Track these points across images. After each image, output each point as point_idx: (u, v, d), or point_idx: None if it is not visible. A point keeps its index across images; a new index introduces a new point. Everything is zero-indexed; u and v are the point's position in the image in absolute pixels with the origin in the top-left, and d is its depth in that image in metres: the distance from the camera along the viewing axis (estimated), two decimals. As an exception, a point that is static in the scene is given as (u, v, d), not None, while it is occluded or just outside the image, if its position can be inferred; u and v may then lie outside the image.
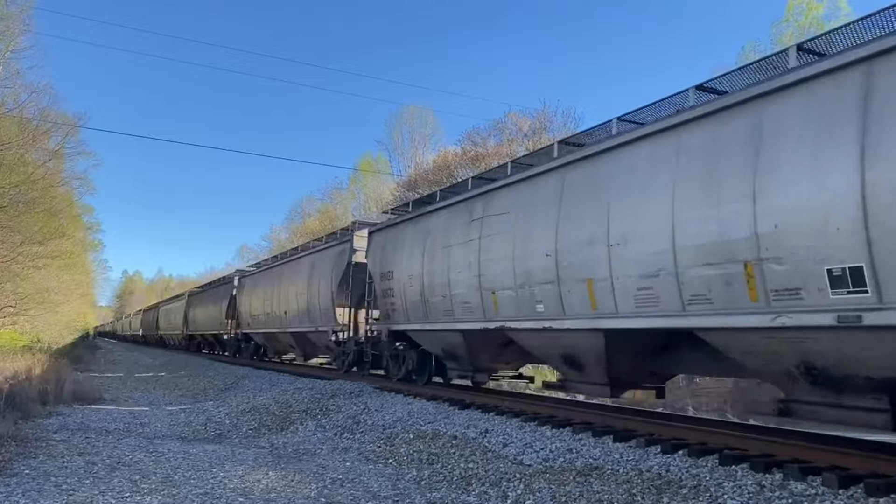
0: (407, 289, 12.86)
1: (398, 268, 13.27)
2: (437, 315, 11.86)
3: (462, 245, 11.01)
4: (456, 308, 11.23)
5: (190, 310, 37.93)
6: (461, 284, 10.95)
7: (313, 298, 18.31)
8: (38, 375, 14.99)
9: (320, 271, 18.12)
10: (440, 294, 11.65)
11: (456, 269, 11.09)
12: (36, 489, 6.09)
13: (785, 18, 30.49)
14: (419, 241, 12.56)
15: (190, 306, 38.14)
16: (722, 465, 6.19)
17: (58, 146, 35.24)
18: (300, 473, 7.20)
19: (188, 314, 38.16)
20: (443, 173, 37.41)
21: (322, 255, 18.61)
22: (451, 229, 11.50)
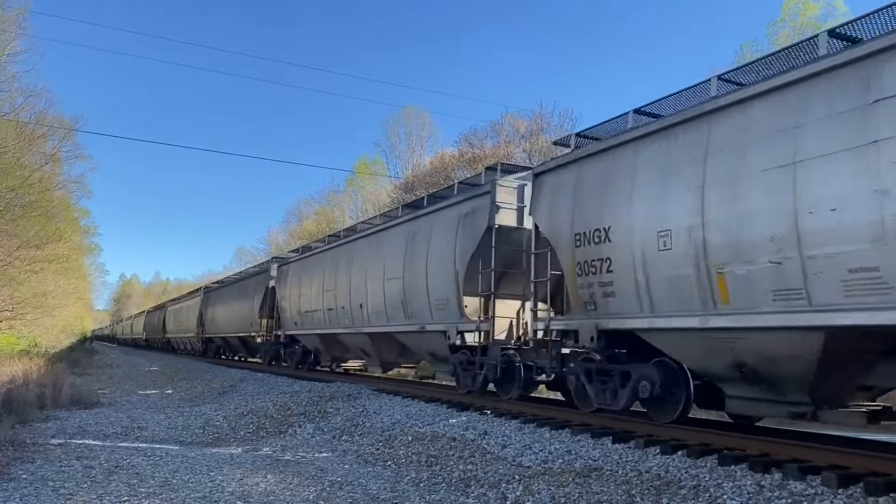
0: (653, 255, 7.46)
1: (621, 220, 7.98)
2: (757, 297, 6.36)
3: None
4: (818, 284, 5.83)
5: (207, 308, 32.67)
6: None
7: (416, 284, 12.75)
8: (35, 380, 14.94)
9: (429, 244, 12.50)
10: (768, 254, 6.20)
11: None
12: (33, 494, 6.07)
13: (781, 18, 30.55)
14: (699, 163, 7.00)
15: (207, 304, 32.83)
16: (721, 465, 6.18)
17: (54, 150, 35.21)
18: (299, 476, 7.18)
19: (205, 313, 33.04)
20: (440, 175, 37.40)
21: (431, 221, 12.79)
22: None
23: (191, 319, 35.88)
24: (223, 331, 29.71)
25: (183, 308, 40.19)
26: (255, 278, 25.68)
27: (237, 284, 28.82)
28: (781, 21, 30.31)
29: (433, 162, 42.82)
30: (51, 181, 35.69)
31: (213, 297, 32.31)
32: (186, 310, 38.31)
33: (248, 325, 25.13)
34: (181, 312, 40.13)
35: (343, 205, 55.73)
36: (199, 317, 33.81)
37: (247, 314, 25.29)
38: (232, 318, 27.86)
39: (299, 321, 19.50)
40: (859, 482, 5.24)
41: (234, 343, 28.72)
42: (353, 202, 54.55)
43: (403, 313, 13.26)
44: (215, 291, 32.61)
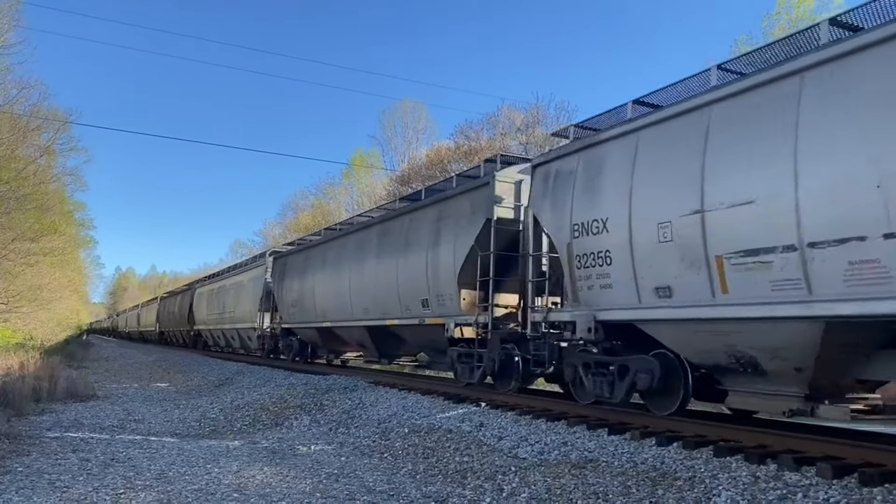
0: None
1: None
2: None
3: None
4: None
5: (294, 282, 19.87)
6: None
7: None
8: (31, 373, 14.92)
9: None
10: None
11: None
12: (29, 487, 6.07)
13: (776, 11, 30.48)
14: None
15: (292, 275, 20.25)
16: (717, 456, 6.20)
17: (49, 142, 35.13)
18: (295, 469, 7.19)
19: (284, 291, 20.50)
20: (436, 168, 37.36)
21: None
22: None
23: (246, 304, 24.98)
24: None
25: (229, 288, 27.92)
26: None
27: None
28: (776, 14, 30.26)
29: (429, 154, 42.77)
30: (45, 174, 35.59)
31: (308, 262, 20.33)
32: (237, 290, 26.63)
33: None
34: (225, 294, 28.30)
35: (339, 197, 55.70)
36: (267, 299, 22.48)
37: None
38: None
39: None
40: (853, 473, 5.27)
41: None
42: (348, 195, 54.53)
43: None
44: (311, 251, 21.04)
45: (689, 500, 5.20)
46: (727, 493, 5.19)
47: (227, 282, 28.80)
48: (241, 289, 25.98)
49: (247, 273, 25.96)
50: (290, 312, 19.56)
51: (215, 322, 29.99)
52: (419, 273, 12.46)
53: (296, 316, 19.20)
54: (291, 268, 20.01)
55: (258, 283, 23.40)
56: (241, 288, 26.03)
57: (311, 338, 18.99)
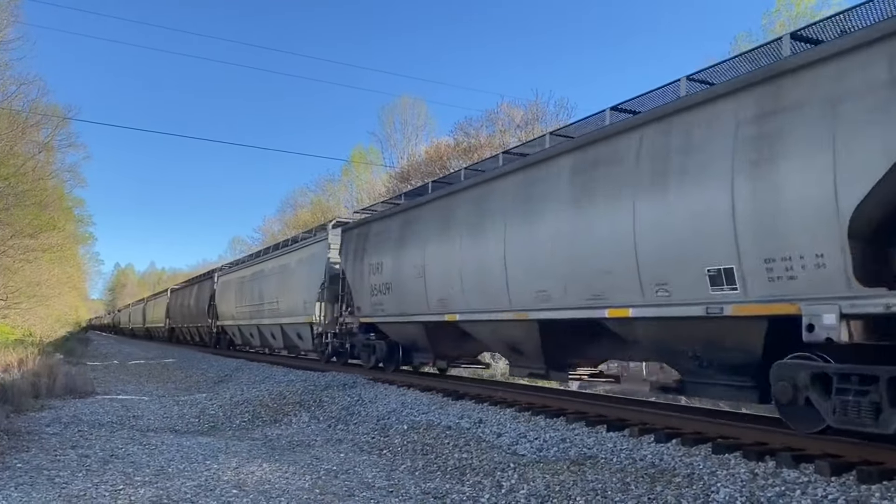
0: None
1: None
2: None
3: None
4: None
5: (383, 259, 14.43)
6: None
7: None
8: (30, 369, 14.92)
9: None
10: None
11: None
12: (29, 483, 6.07)
13: (776, 8, 30.48)
14: None
15: (377, 250, 14.83)
16: (715, 453, 6.21)
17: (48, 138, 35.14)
18: (294, 465, 7.20)
19: (364, 273, 15.06)
20: (436, 165, 37.33)
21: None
22: None
23: (291, 293, 19.93)
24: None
25: (260, 276, 23.36)
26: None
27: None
28: (776, 12, 30.25)
29: (428, 151, 42.72)
30: (44, 170, 35.60)
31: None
32: (274, 276, 21.97)
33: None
34: (260, 281, 23.27)
35: (338, 194, 55.67)
36: (325, 285, 17.55)
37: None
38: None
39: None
40: (852, 470, 5.28)
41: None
42: (348, 192, 54.50)
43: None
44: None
45: (687, 497, 5.21)
46: (726, 490, 5.20)
47: (265, 265, 23.02)
48: (287, 273, 20.35)
49: (297, 253, 20.10)
50: (374, 302, 14.27)
51: (248, 316, 24.28)
52: (707, 223, 6.79)
53: (385, 307, 13.92)
54: (376, 240, 14.49)
55: (315, 265, 18.00)
56: (287, 272, 20.39)
57: (410, 337, 13.81)
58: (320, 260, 17.82)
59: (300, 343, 19.85)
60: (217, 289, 29.19)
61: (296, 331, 19.65)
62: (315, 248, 18.57)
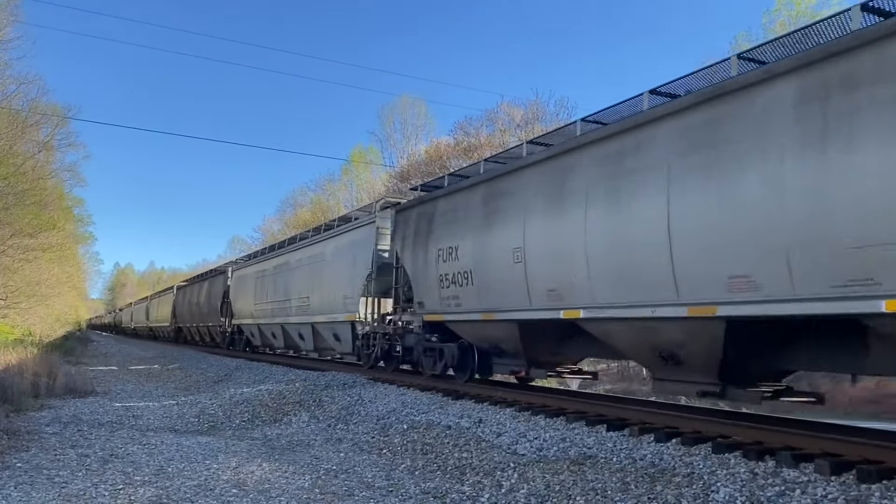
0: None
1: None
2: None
3: None
4: None
5: (459, 243, 11.52)
6: None
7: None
8: (29, 368, 14.91)
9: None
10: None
11: None
12: (28, 482, 6.07)
13: (776, 8, 30.45)
14: None
15: (447, 230, 12.05)
16: (715, 453, 6.21)
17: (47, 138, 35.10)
18: (294, 465, 7.19)
19: (428, 261, 12.47)
20: (436, 164, 37.33)
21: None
22: None
23: (327, 287, 17.30)
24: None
25: (286, 269, 20.72)
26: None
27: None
28: (776, 11, 30.22)
29: (428, 151, 42.75)
30: (44, 170, 35.57)
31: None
32: (304, 269, 19.07)
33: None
34: (286, 274, 20.61)
35: (338, 194, 55.68)
36: (372, 277, 15.01)
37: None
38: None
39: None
40: (852, 469, 5.28)
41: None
42: (347, 191, 54.50)
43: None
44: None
45: (687, 497, 5.21)
46: (726, 490, 5.20)
47: (291, 257, 20.33)
48: (321, 265, 17.77)
49: (333, 241, 17.43)
50: (445, 296, 11.65)
51: (269, 314, 21.78)
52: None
53: (461, 301, 11.26)
54: (446, 220, 11.86)
55: (359, 254, 15.38)
56: (321, 264, 17.80)
57: (493, 339, 11.09)
58: (366, 247, 15.10)
59: (337, 345, 16.96)
60: (231, 284, 26.62)
61: (332, 331, 16.78)
62: (358, 233, 15.86)
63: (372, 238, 14.92)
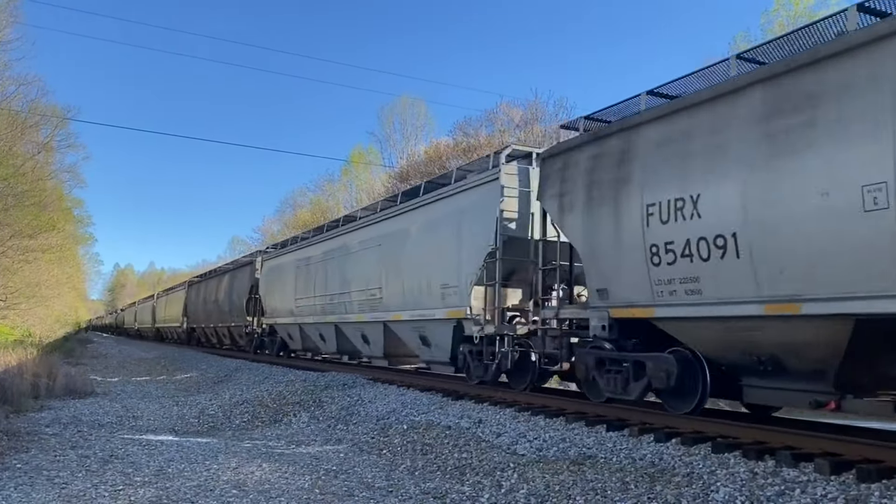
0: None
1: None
2: None
3: None
4: None
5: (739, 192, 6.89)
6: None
7: None
8: (29, 369, 14.91)
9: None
10: None
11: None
12: (28, 483, 6.07)
13: (774, 8, 30.46)
14: None
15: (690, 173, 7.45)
16: (715, 452, 6.21)
17: (47, 139, 35.14)
18: (294, 465, 7.19)
19: (651, 229, 7.79)
20: (435, 165, 37.34)
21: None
22: None
23: (416, 273, 13.08)
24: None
25: (340, 254, 16.63)
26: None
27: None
28: (775, 11, 30.24)
29: (428, 151, 42.74)
30: (44, 171, 35.59)
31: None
32: (371, 252, 14.96)
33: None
34: (339, 261, 16.65)
35: (337, 194, 55.68)
36: (499, 257, 10.65)
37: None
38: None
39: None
40: (851, 469, 5.28)
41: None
42: (347, 192, 54.50)
43: None
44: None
45: (687, 497, 5.21)
46: (725, 490, 5.20)
47: (352, 238, 16.01)
48: (401, 245, 13.42)
49: (425, 210, 12.92)
50: (659, 278, 7.65)
51: (318, 311, 17.60)
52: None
53: (700, 285, 7.18)
54: (659, 157, 7.80)
55: (471, 225, 11.23)
56: (401, 243, 13.43)
57: (767, 346, 6.74)
58: (482, 216, 10.84)
59: (423, 351, 13.06)
60: (261, 277, 22.74)
61: (418, 332, 12.83)
62: (468, 198, 11.50)
63: (494, 202, 10.64)
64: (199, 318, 32.54)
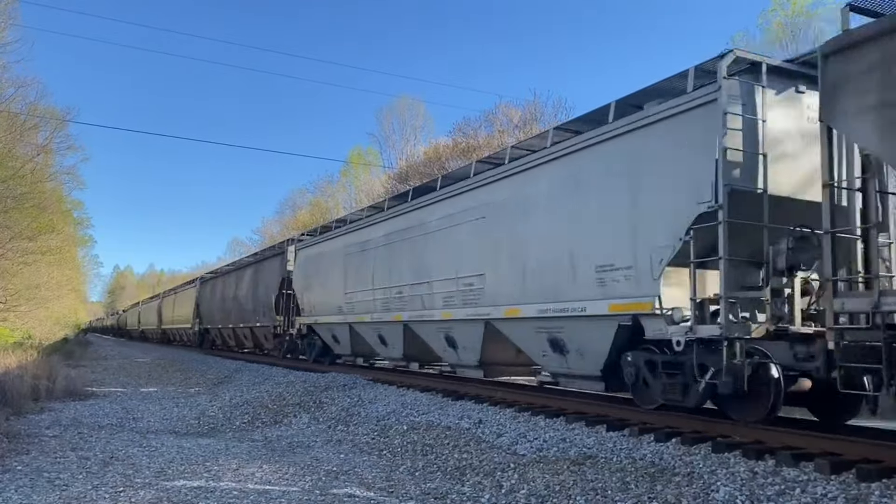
0: None
1: None
2: None
3: None
4: None
5: None
6: None
7: None
8: (29, 371, 14.90)
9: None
10: None
11: None
12: (29, 485, 6.07)
13: (772, 8, 30.44)
14: None
15: None
16: (715, 452, 6.22)
17: (46, 141, 35.10)
18: (294, 466, 7.20)
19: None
20: (434, 165, 37.33)
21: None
22: None
23: (582, 248, 8.90)
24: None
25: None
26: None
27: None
28: (772, 11, 30.22)
29: (427, 152, 42.74)
30: (43, 172, 35.57)
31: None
32: (479, 224, 11.08)
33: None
34: (408, 244, 13.41)
35: (337, 195, 55.64)
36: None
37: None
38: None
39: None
40: (851, 468, 5.28)
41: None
42: (346, 193, 54.48)
43: None
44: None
45: (687, 496, 5.21)
46: (726, 489, 5.20)
47: (429, 214, 12.78)
48: (519, 216, 10.17)
49: (559, 165, 9.51)
50: None
51: (379, 307, 14.39)
52: None
53: None
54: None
55: (663, 177, 7.74)
56: (518, 214, 10.19)
57: None
58: (690, 158, 7.40)
59: (554, 360, 9.51)
60: (295, 269, 19.42)
61: (548, 334, 9.43)
62: (653, 136, 7.97)
63: (708, 136, 7.21)
64: (213, 318, 29.51)
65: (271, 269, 21.91)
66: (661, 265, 7.55)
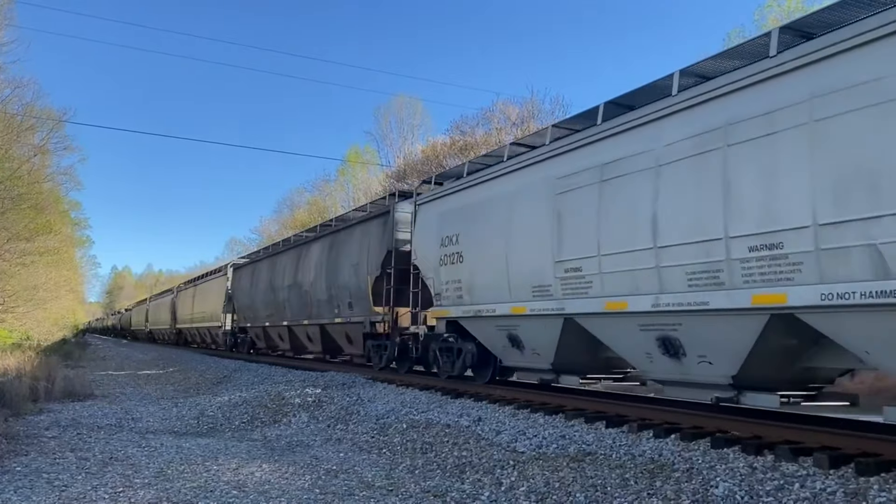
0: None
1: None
2: None
3: None
4: None
5: None
6: None
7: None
8: (28, 372, 14.89)
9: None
10: None
11: None
12: (28, 486, 6.06)
13: (768, 4, 30.41)
14: None
15: None
16: (714, 448, 6.22)
17: (43, 141, 35.08)
18: (294, 465, 7.20)
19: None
20: (432, 163, 37.31)
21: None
22: None
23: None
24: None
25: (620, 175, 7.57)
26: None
27: None
28: (768, 7, 30.20)
29: (424, 150, 42.70)
30: (40, 173, 35.57)
31: None
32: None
33: None
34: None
35: (334, 194, 55.56)
36: None
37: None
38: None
39: None
40: (850, 462, 5.29)
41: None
42: (344, 191, 54.42)
43: None
44: None
45: (687, 492, 5.22)
46: (725, 485, 5.21)
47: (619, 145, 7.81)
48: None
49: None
50: None
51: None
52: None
53: None
54: None
55: None
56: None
57: None
58: None
59: None
60: (416, 233, 12.92)
61: None
62: None
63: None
64: (256, 314, 22.92)
65: (365, 240, 15.16)
66: None
